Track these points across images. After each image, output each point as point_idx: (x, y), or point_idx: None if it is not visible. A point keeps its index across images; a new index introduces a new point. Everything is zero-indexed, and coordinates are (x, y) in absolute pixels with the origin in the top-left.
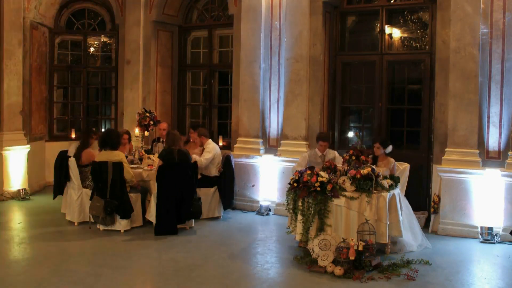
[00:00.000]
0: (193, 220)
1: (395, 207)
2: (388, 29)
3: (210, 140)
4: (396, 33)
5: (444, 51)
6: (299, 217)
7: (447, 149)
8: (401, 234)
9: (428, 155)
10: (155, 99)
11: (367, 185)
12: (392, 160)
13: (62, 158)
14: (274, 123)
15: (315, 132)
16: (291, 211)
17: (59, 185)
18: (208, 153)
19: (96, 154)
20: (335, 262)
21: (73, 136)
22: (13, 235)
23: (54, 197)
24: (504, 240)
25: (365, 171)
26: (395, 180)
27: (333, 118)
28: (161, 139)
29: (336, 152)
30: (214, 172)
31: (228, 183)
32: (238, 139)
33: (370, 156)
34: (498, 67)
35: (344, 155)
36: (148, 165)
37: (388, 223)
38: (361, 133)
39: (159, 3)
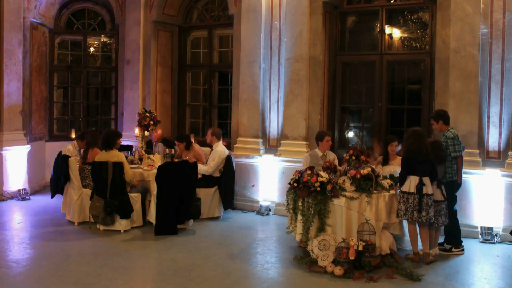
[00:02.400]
0: (192, 220)
1: (394, 207)
2: (388, 29)
3: (219, 143)
4: (396, 33)
5: (444, 51)
6: (299, 217)
7: None
8: (403, 233)
9: None
10: (155, 99)
11: (367, 185)
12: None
13: (62, 158)
14: (274, 123)
15: (315, 132)
16: (291, 211)
17: (57, 184)
18: (212, 161)
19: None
20: (335, 262)
21: (73, 136)
22: (13, 235)
23: (52, 196)
24: (504, 240)
25: (365, 171)
26: (395, 180)
27: (333, 118)
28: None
29: (335, 155)
30: (215, 173)
31: (229, 183)
32: (238, 139)
33: (381, 156)
34: (498, 67)
35: (344, 155)
36: (148, 165)
37: (390, 222)
38: (361, 133)
39: (159, 3)
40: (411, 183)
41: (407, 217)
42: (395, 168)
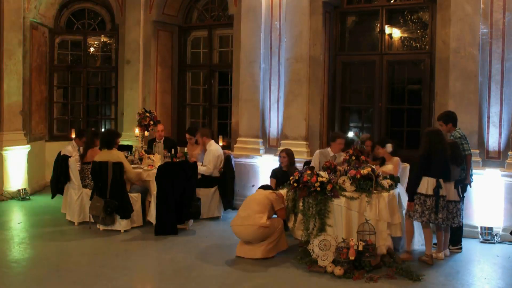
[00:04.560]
0: (192, 220)
1: (395, 207)
2: (388, 29)
3: (212, 142)
4: (396, 33)
5: (444, 51)
6: (300, 217)
7: None
8: (402, 234)
9: None
10: (155, 99)
11: (367, 185)
12: (396, 158)
13: (62, 158)
14: (274, 123)
15: (315, 132)
16: (291, 211)
17: (57, 184)
18: (209, 162)
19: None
20: (335, 262)
21: (73, 136)
22: (13, 235)
23: (53, 197)
24: (504, 240)
25: (365, 171)
26: (395, 180)
27: (333, 118)
28: (157, 140)
29: None
30: (214, 172)
31: (228, 183)
32: (238, 139)
33: (378, 159)
34: (498, 67)
35: (344, 155)
36: (148, 165)
37: (392, 223)
38: (361, 133)
39: (159, 3)
40: (428, 184)
41: (423, 219)
42: (389, 168)
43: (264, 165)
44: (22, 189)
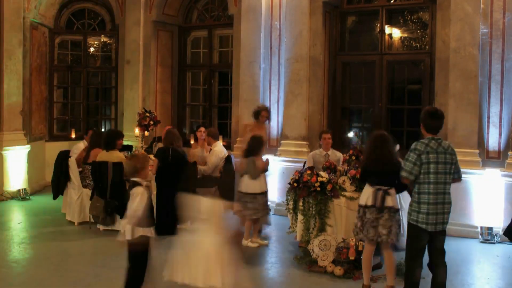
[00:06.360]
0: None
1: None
2: (388, 29)
3: (217, 143)
4: (396, 33)
5: (444, 51)
6: (300, 217)
7: None
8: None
9: None
10: (155, 99)
11: None
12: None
13: (62, 158)
14: (274, 123)
15: (315, 132)
16: (291, 211)
17: (59, 185)
18: (213, 157)
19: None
20: (335, 262)
21: (73, 136)
22: (13, 235)
23: (55, 198)
24: (504, 240)
25: None
26: None
27: (333, 118)
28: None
29: (341, 155)
30: (214, 172)
31: (228, 183)
32: (238, 139)
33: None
34: (498, 67)
35: (344, 155)
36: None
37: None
38: (361, 133)
39: (159, 3)
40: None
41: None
42: None
43: None
44: (22, 189)
